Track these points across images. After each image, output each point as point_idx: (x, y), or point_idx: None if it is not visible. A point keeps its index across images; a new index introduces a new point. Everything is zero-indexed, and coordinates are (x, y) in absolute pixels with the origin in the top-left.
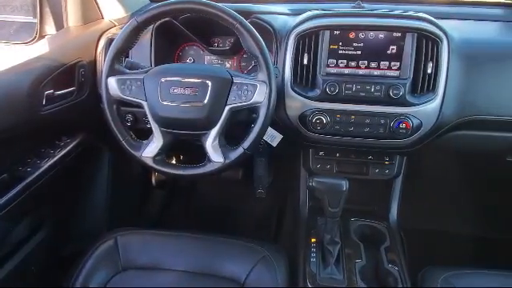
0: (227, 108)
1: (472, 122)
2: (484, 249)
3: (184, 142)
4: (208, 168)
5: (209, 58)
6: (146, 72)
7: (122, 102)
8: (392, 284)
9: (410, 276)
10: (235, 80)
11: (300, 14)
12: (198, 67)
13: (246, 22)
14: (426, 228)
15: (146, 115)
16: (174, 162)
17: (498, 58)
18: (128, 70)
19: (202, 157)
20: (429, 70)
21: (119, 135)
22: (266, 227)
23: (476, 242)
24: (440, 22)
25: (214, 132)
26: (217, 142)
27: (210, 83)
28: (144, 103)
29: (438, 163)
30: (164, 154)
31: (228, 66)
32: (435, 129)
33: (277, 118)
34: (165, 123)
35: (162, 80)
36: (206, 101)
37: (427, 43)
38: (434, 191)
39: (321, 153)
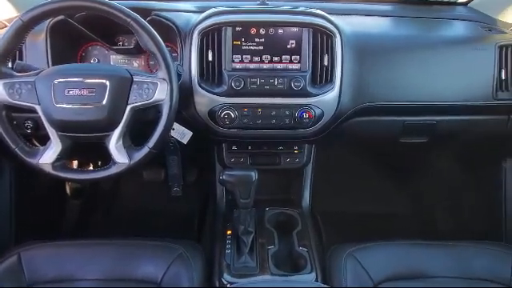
0: (129, 107)
1: (368, 109)
2: (392, 224)
3: (90, 146)
4: (113, 170)
5: (115, 58)
6: (38, 74)
7: (12, 108)
8: (303, 265)
9: (320, 256)
10: (135, 79)
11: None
12: (94, 67)
13: (141, 19)
14: (341, 210)
15: None
16: (91, 168)
17: (386, 50)
18: (17, 73)
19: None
20: (325, 63)
21: (11, 143)
22: (190, 226)
23: (385, 218)
24: (334, 18)
25: (116, 133)
26: (121, 142)
27: (108, 83)
28: (37, 107)
29: (344, 150)
30: (64, 159)
31: (136, 65)
32: (336, 117)
33: (187, 115)
34: (62, 127)
35: (55, 82)
36: (104, 101)
37: (322, 37)
38: (346, 176)
39: (233, 147)
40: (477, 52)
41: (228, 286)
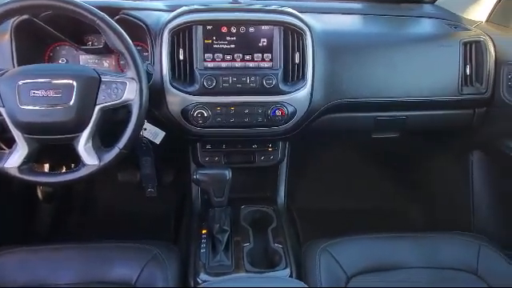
0: (97, 108)
1: (339, 105)
2: (367, 218)
3: (60, 148)
4: (82, 172)
5: (84, 58)
6: (1, 75)
7: None
8: (278, 261)
9: (295, 251)
10: (103, 78)
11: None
12: (60, 67)
13: (108, 18)
14: (318, 206)
15: None
16: (63, 170)
17: (357, 47)
18: None
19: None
20: (297, 60)
21: None
22: (167, 226)
23: (361, 212)
24: (305, 16)
25: (85, 134)
26: (90, 144)
27: (74, 83)
28: (1, 109)
29: (319, 146)
30: (31, 162)
31: (106, 65)
32: (308, 114)
33: (159, 114)
34: (28, 129)
35: (20, 83)
36: (72, 102)
37: (293, 35)
38: (322, 172)
39: (208, 146)
40: (443, 48)
41: (202, 285)
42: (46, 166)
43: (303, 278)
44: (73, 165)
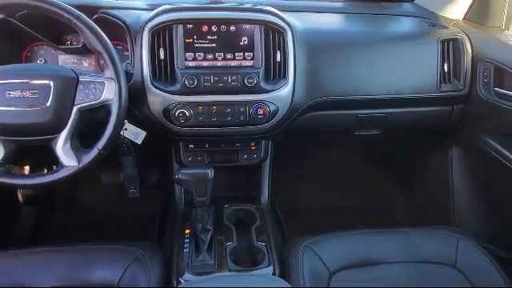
0: (75, 108)
1: (321, 103)
2: (352, 215)
3: (40, 149)
4: (61, 174)
5: (63, 58)
6: None
7: None
8: (261, 259)
9: (278, 249)
10: (81, 78)
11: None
12: (36, 67)
13: (84, 17)
14: (303, 204)
15: None
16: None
17: (338, 46)
18: None
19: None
20: (278, 59)
21: None
22: (152, 227)
23: (346, 209)
24: (286, 15)
25: (63, 135)
26: (68, 145)
27: (51, 83)
28: None
29: (302, 144)
30: (8, 164)
31: (86, 65)
32: (290, 112)
33: (140, 114)
34: (3, 130)
35: None
36: (49, 103)
37: (274, 34)
38: (305, 170)
39: (190, 145)
40: (422, 46)
41: (183, 284)
42: (27, 168)
43: (286, 275)
44: (54, 167)
